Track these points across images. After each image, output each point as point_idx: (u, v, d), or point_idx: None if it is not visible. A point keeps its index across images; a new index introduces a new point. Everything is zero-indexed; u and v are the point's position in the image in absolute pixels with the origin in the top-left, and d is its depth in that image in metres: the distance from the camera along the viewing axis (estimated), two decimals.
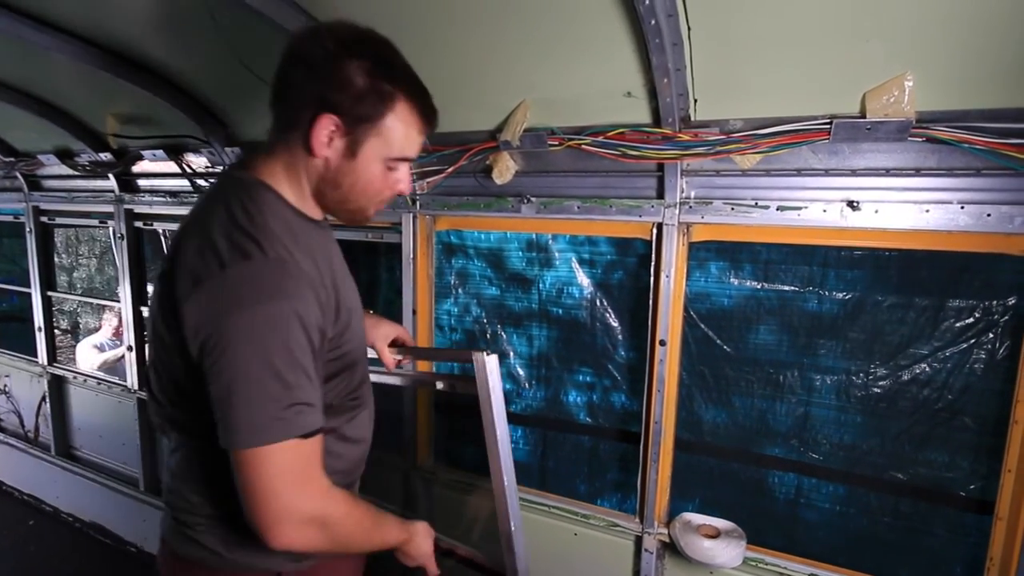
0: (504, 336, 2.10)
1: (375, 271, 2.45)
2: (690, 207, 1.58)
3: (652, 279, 1.66)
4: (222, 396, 0.81)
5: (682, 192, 1.59)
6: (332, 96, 0.88)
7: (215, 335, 0.80)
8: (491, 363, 1.19)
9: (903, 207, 1.39)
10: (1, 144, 3.14)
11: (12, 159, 3.15)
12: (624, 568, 1.84)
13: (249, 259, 0.81)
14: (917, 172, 1.38)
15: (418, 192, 1.97)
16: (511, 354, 2.09)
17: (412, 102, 0.93)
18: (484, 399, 1.21)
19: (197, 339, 0.82)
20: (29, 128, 2.80)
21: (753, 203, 1.52)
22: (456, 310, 2.15)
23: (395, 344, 1.42)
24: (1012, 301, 1.43)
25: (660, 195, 1.62)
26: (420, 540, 1.12)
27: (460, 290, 2.13)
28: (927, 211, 1.38)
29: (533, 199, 1.78)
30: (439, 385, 1.48)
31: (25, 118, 2.60)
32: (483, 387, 1.20)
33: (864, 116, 1.32)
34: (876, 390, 1.61)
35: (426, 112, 0.96)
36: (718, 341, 1.74)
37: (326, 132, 0.89)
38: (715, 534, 1.71)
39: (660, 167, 1.59)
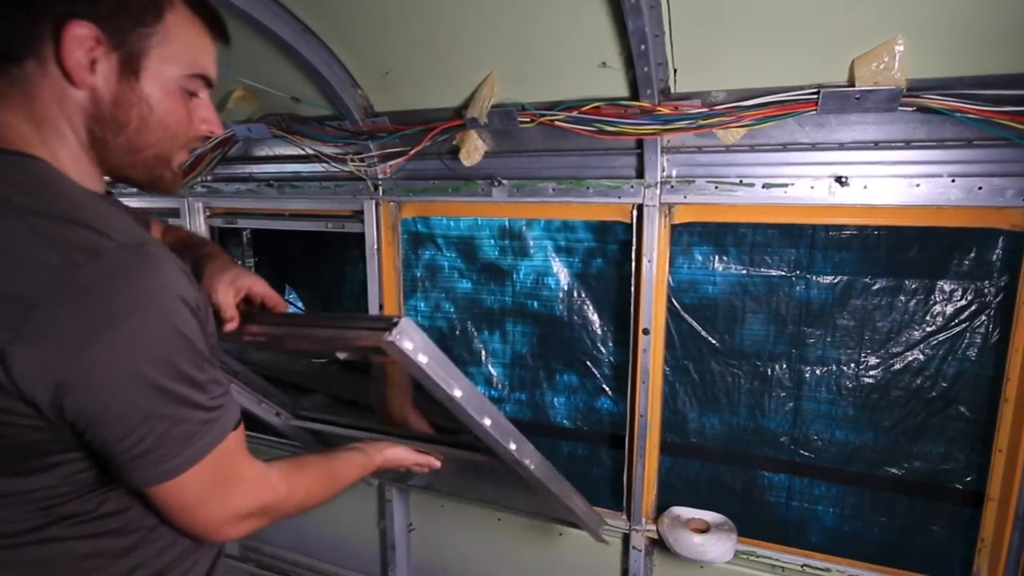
0: (476, 333, 1.98)
1: (338, 266, 2.30)
2: (672, 186, 1.49)
3: (633, 264, 1.56)
4: (120, 436, 0.61)
5: (663, 170, 1.49)
6: None
7: (85, 370, 0.57)
8: (405, 338, 0.84)
9: (893, 181, 1.33)
10: None
11: None
12: (612, 567, 1.74)
13: (98, 256, 0.57)
14: (907, 144, 1.31)
15: (381, 176, 1.82)
16: (483, 353, 1.97)
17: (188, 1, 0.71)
18: (420, 376, 0.93)
19: (49, 384, 0.56)
20: None
21: (738, 181, 1.43)
22: (424, 306, 2.01)
23: (250, 303, 1.02)
24: (1004, 280, 1.38)
25: (640, 174, 1.52)
26: (393, 452, 1.11)
27: (429, 283, 1.99)
28: (917, 185, 1.31)
29: (505, 181, 1.66)
30: (341, 356, 1.07)
31: None
32: (412, 366, 0.89)
33: (853, 85, 1.24)
34: (867, 380, 1.54)
35: (209, 10, 0.72)
36: (703, 333, 1.65)
37: (83, 49, 0.62)
38: (705, 528, 1.63)
39: (639, 144, 1.49)
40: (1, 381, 0.55)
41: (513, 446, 1.12)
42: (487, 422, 1.04)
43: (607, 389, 1.83)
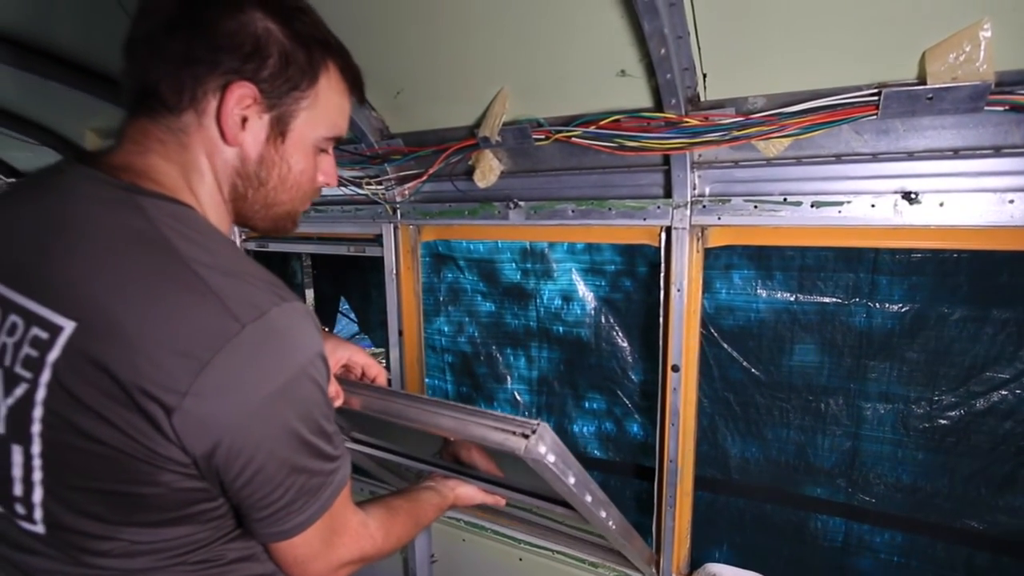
0: (501, 357, 1.88)
1: (365, 289, 2.28)
2: (704, 206, 1.32)
3: (662, 294, 1.40)
4: (269, 490, 0.64)
5: (694, 189, 1.33)
6: (244, 56, 0.65)
7: (244, 425, 0.59)
8: (544, 444, 0.83)
9: (977, 197, 1.09)
10: (2, 165, 3.12)
11: (14, 180, 3.14)
12: None
13: (262, 313, 0.59)
14: (996, 152, 1.07)
15: (399, 199, 1.77)
16: (508, 378, 1.87)
17: (341, 61, 0.74)
18: (558, 485, 0.93)
19: (209, 437, 0.58)
20: (24, 148, 2.75)
21: (781, 199, 1.24)
22: (448, 329, 1.94)
23: (349, 370, 1.04)
24: None
25: (668, 193, 1.36)
26: (464, 491, 1.11)
27: (451, 307, 1.92)
28: (1010, 201, 1.07)
29: (521, 203, 1.55)
30: (452, 438, 1.02)
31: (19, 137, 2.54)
32: (546, 473, 0.89)
33: (924, 82, 1.03)
34: (942, 422, 1.31)
35: (356, 74, 0.77)
36: (745, 363, 1.47)
37: (240, 108, 0.66)
38: None
39: (666, 159, 1.33)
40: (167, 433, 0.57)
41: (603, 513, 1.09)
42: (588, 499, 1.02)
43: (639, 420, 1.69)
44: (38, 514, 0.61)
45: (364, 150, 1.70)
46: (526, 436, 0.83)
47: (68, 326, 0.57)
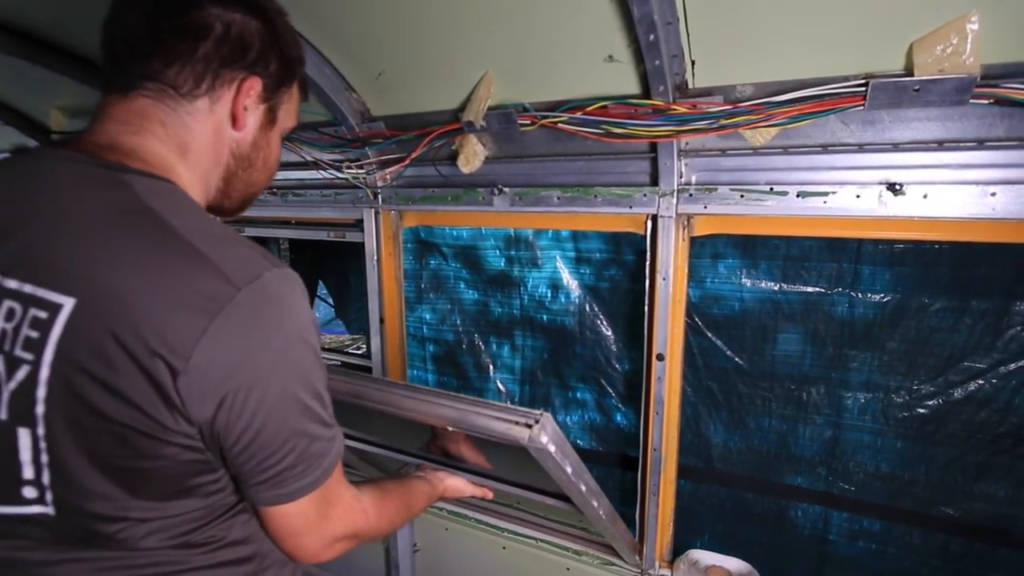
0: (484, 346, 1.86)
1: (344, 274, 2.23)
2: (690, 195, 1.31)
3: (647, 282, 1.40)
4: (269, 452, 0.65)
5: (680, 177, 1.31)
6: (257, 55, 0.74)
7: (245, 388, 0.61)
8: (546, 434, 0.85)
9: (960, 189, 1.10)
10: None
11: None
12: None
13: (257, 276, 0.62)
14: (980, 144, 1.08)
15: (380, 184, 1.72)
16: (492, 367, 1.86)
17: (303, 64, 0.84)
18: (556, 473, 0.95)
19: (211, 401, 0.60)
20: None
21: (767, 188, 1.24)
22: (430, 317, 1.92)
23: None
24: None
25: (654, 181, 1.35)
26: (453, 482, 1.13)
27: (434, 294, 1.89)
28: (992, 194, 1.08)
29: (506, 189, 1.52)
30: (450, 428, 0.99)
31: None
32: (548, 461, 0.90)
33: (911, 74, 1.03)
34: (921, 411, 1.34)
35: (305, 75, 0.87)
36: (728, 352, 1.48)
37: (248, 99, 0.75)
38: None
39: (653, 147, 1.31)
40: (173, 400, 0.58)
41: (595, 503, 1.09)
42: (582, 488, 1.03)
43: (623, 409, 1.69)
44: (49, 496, 0.61)
45: (344, 133, 1.65)
46: (529, 426, 0.85)
47: (67, 303, 0.58)
